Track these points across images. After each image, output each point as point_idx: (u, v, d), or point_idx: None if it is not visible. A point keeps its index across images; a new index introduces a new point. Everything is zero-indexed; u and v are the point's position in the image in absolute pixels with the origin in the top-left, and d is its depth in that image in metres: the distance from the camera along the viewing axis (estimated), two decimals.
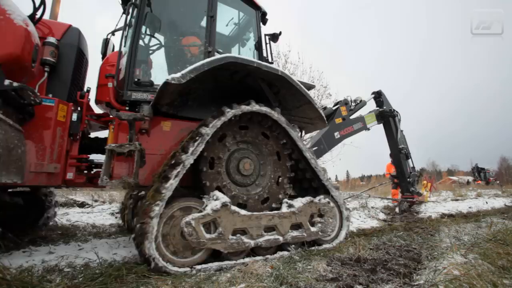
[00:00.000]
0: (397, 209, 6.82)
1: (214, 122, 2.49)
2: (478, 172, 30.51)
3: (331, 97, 10.85)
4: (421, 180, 9.13)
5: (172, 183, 2.20)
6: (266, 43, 3.84)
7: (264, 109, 2.77)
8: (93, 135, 3.24)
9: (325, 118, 3.38)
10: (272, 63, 3.83)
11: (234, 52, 3.84)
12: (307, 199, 2.93)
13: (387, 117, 6.48)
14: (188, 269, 2.16)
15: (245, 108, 2.66)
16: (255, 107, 2.70)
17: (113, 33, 3.59)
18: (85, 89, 3.16)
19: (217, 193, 2.46)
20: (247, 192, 2.78)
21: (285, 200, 2.88)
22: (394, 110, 6.60)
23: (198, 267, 2.20)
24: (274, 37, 3.90)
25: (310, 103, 3.06)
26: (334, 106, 5.72)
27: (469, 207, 7.11)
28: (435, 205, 7.55)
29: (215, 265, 2.28)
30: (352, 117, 5.78)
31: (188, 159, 2.32)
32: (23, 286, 1.64)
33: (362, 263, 2.38)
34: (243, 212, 2.49)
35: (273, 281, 1.87)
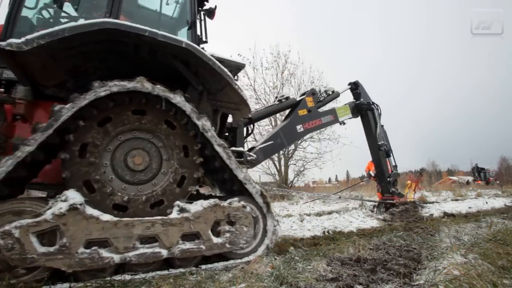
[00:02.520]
0: (374, 212, 6.16)
1: (76, 101, 1.99)
2: (478, 172, 30.52)
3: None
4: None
5: None
6: (201, 20, 3.43)
7: (143, 86, 2.17)
8: None
9: (248, 102, 2.83)
10: (206, 42, 3.46)
11: (182, 36, 3.19)
12: (210, 202, 2.36)
13: (364, 110, 5.96)
14: None
15: (116, 86, 2.10)
16: (130, 84, 2.15)
17: None
18: None
19: (68, 192, 1.95)
20: (136, 192, 2.25)
21: (177, 202, 2.28)
22: (372, 103, 6.06)
23: None
24: (210, 12, 3.49)
25: (230, 84, 2.60)
26: (300, 96, 5.24)
27: (469, 207, 7.10)
28: (434, 205, 7.56)
29: None
30: (322, 109, 5.37)
31: (27, 147, 1.82)
32: None
33: (362, 263, 2.38)
34: (105, 217, 1.96)
35: (273, 281, 1.87)
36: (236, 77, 3.16)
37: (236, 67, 3.02)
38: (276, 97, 5.16)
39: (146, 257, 2.01)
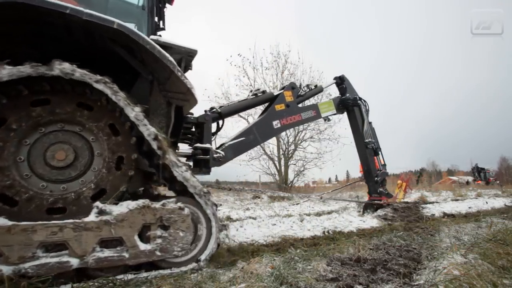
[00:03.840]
0: (364, 214, 5.82)
1: None
2: (478, 172, 30.54)
3: (331, 97, 10.89)
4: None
5: None
6: (159, 6, 3.22)
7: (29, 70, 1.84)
8: None
9: (194, 92, 2.56)
10: (163, 29, 3.25)
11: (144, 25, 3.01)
12: (138, 203, 2.09)
13: (350, 106, 5.71)
14: None
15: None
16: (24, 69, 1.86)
17: None
18: None
19: None
20: (60, 191, 2.03)
21: (97, 203, 2.00)
22: (359, 98, 5.79)
23: None
24: None
25: (173, 72, 2.36)
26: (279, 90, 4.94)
27: (469, 207, 7.10)
28: (434, 206, 7.55)
29: None
30: (303, 104, 5.09)
31: None
32: None
33: (362, 263, 2.38)
34: None
35: (273, 281, 1.87)
36: (190, 65, 2.88)
37: (187, 54, 2.72)
38: (251, 91, 4.78)
39: (48, 268, 1.70)
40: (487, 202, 8.15)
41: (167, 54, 2.30)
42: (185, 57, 2.70)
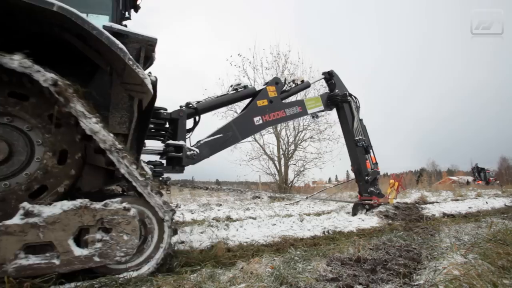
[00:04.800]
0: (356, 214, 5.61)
1: None
2: (478, 172, 30.57)
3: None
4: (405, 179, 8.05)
5: None
6: None
7: None
8: None
9: (147, 83, 2.30)
10: (129, 18, 3.11)
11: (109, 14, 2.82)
12: (75, 203, 1.88)
13: (339, 102, 5.52)
14: None
15: None
16: None
17: None
18: None
19: None
20: (2, 188, 1.88)
21: (24, 204, 1.76)
22: (349, 94, 5.61)
23: None
24: None
25: (123, 60, 2.07)
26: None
27: (469, 207, 7.11)
28: (434, 206, 7.56)
29: None
30: (288, 100, 4.90)
31: None
32: None
33: (362, 263, 2.38)
34: None
35: (273, 281, 1.87)
36: (152, 56, 2.67)
37: (147, 43, 2.48)
38: (231, 86, 4.46)
39: None
40: (487, 202, 8.15)
41: (117, 41, 2.07)
42: (145, 46, 2.46)
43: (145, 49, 2.49)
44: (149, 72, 2.91)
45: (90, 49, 2.17)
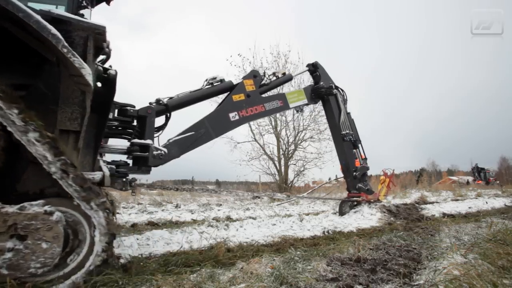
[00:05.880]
0: (334, 215, 5.40)
1: None
2: (478, 172, 30.56)
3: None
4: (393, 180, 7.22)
5: None
6: None
7: None
8: None
9: (84, 73, 2.00)
10: (86, 7, 2.87)
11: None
12: None
13: (324, 95, 5.28)
14: None
15: None
16: None
17: None
18: None
19: None
20: None
21: None
22: (336, 87, 5.37)
23: None
24: None
25: (60, 50, 1.82)
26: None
27: (469, 207, 7.11)
28: (434, 206, 7.56)
29: None
30: (268, 94, 4.66)
31: None
32: None
33: (362, 263, 2.38)
34: None
35: (273, 281, 1.87)
36: (104, 47, 2.36)
37: (94, 31, 2.17)
38: (206, 80, 4.15)
39: None
40: (487, 202, 8.15)
41: (49, 26, 1.83)
42: (93, 35, 2.20)
43: (93, 38, 2.21)
44: (110, 66, 2.82)
45: (32, 38, 1.92)
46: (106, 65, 2.76)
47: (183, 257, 2.50)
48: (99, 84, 2.56)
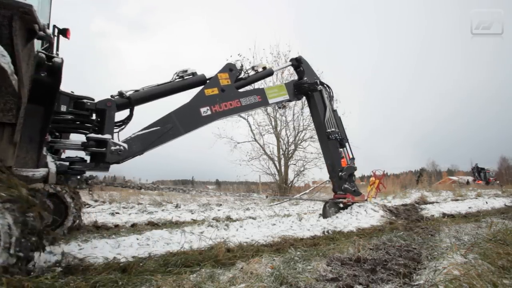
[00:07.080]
0: (319, 218, 5.01)
1: None
2: (478, 172, 30.56)
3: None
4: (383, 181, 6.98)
5: None
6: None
7: None
8: None
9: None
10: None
11: None
12: None
13: (308, 91, 5.03)
14: None
15: None
16: None
17: None
18: None
19: None
20: None
21: None
22: (321, 83, 5.12)
23: None
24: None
25: None
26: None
27: (469, 207, 7.11)
28: (434, 206, 7.55)
29: None
30: (245, 89, 4.47)
31: None
32: None
33: (362, 263, 2.38)
34: None
35: (273, 281, 1.87)
36: (41, 31, 2.11)
37: (19, 10, 1.90)
38: (176, 73, 3.87)
39: None
40: (487, 202, 8.15)
41: None
42: (19, 14, 1.95)
43: (19, 18, 1.96)
44: (56, 53, 2.70)
45: None
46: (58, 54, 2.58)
47: (183, 257, 2.50)
48: (42, 74, 2.32)
